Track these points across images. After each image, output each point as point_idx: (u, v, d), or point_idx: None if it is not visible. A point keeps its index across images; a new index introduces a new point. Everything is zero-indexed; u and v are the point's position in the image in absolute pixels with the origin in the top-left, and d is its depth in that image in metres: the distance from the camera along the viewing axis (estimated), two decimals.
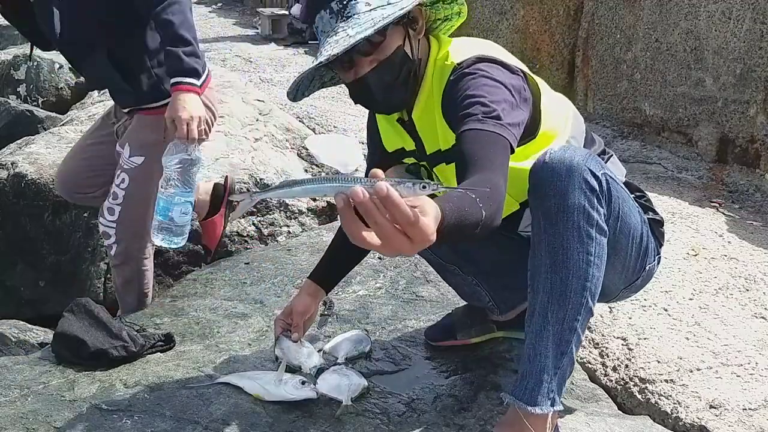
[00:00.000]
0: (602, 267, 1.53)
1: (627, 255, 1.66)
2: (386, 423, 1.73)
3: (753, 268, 2.63)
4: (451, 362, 1.98)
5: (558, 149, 1.51)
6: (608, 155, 1.81)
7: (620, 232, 1.61)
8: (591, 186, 1.48)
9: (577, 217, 1.48)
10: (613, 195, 1.54)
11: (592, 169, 1.49)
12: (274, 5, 9.46)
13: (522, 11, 5.32)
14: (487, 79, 1.52)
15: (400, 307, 2.28)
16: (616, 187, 1.56)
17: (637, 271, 1.73)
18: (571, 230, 1.48)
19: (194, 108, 2.18)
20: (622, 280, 1.72)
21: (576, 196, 1.47)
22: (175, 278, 2.95)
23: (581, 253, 1.49)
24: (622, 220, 1.60)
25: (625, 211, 1.60)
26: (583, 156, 1.50)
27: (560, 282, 1.50)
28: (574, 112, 1.75)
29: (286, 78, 5.93)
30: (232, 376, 1.86)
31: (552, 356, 1.52)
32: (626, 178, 1.81)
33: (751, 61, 3.65)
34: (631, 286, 1.77)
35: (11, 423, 1.68)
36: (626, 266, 1.69)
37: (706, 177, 3.76)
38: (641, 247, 1.69)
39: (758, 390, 1.96)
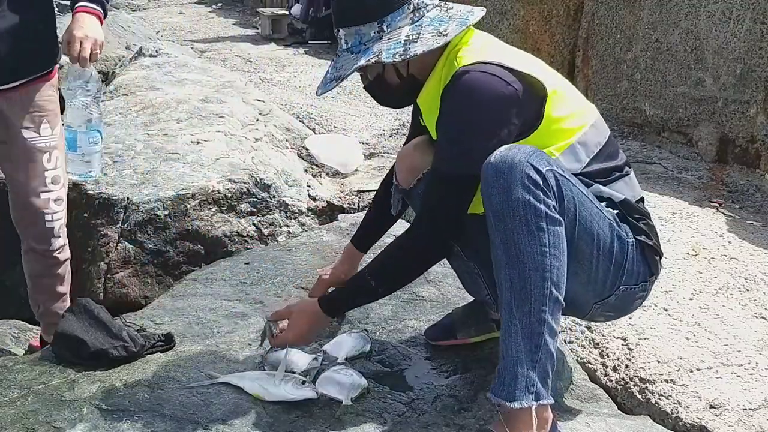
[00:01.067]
0: (561, 257, 1.55)
1: (591, 264, 1.65)
2: (386, 423, 1.73)
3: (753, 268, 2.63)
4: (451, 362, 1.98)
5: (503, 147, 1.57)
6: (624, 173, 1.76)
7: (579, 236, 1.61)
8: (533, 180, 1.52)
9: (523, 211, 1.52)
10: (565, 193, 1.57)
11: (535, 164, 1.53)
12: (274, 5, 9.46)
13: (522, 11, 5.31)
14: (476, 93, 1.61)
15: (400, 307, 2.28)
16: (568, 186, 1.59)
17: (609, 287, 1.69)
18: (519, 225, 1.52)
19: (92, 29, 2.09)
20: (591, 292, 1.70)
21: (519, 191, 1.52)
22: (175, 278, 2.95)
23: (534, 245, 1.52)
24: (581, 224, 1.61)
25: (584, 215, 1.61)
26: (525, 153, 1.54)
27: (519, 277, 1.54)
28: (595, 125, 1.74)
29: (286, 78, 5.93)
30: (231, 376, 1.86)
31: (524, 350, 1.54)
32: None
33: (751, 61, 3.65)
34: (603, 303, 1.73)
35: (11, 423, 1.68)
36: (592, 277, 1.67)
37: (706, 177, 3.76)
38: (611, 259, 1.66)
39: (758, 390, 1.96)
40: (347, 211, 3.40)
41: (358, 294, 1.83)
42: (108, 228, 3.04)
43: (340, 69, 1.71)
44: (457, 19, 1.71)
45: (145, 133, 3.64)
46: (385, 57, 1.65)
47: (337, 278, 2.05)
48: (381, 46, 1.67)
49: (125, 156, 3.38)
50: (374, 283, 1.77)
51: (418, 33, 1.67)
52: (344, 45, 1.72)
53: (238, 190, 3.20)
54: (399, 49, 1.65)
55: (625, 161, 1.79)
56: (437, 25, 1.69)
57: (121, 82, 4.49)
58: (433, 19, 1.70)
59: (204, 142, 3.56)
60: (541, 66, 1.75)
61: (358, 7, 1.69)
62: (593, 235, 1.63)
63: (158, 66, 4.88)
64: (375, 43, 1.67)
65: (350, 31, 1.70)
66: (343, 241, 2.83)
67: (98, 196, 3.08)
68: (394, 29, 1.68)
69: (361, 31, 1.69)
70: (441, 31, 1.68)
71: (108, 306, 2.15)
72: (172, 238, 3.07)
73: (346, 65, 1.70)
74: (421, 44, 1.66)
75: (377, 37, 1.68)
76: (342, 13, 1.72)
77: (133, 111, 3.95)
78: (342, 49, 1.73)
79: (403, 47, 1.66)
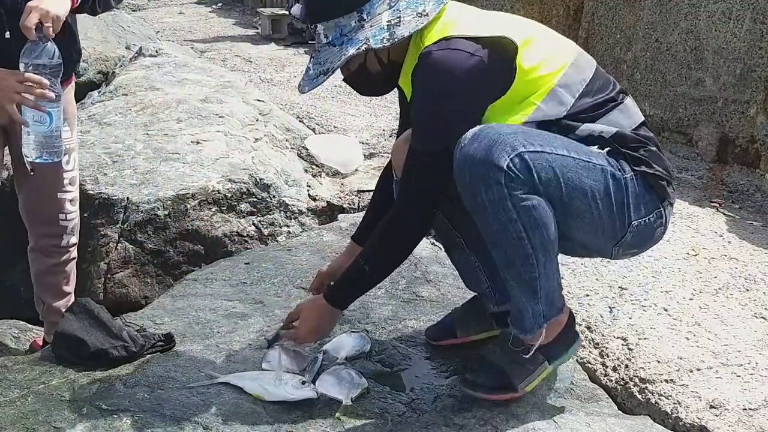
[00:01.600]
0: (543, 229, 1.63)
1: (593, 215, 1.68)
2: (386, 423, 1.73)
3: (753, 268, 2.63)
4: (451, 362, 1.99)
5: (467, 142, 1.60)
6: (618, 102, 1.78)
7: (569, 198, 1.65)
8: (496, 179, 1.58)
9: (492, 209, 1.61)
10: (537, 169, 1.60)
11: (497, 160, 1.57)
12: (274, 5, 9.46)
13: (522, 11, 5.31)
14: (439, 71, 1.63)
15: (400, 307, 2.28)
16: (541, 158, 1.61)
17: (620, 228, 1.72)
18: (491, 221, 1.63)
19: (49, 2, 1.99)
20: (603, 238, 1.74)
21: (482, 194, 1.60)
22: (175, 278, 2.95)
23: (508, 235, 1.63)
24: (567, 186, 1.64)
25: (568, 176, 1.63)
26: (485, 148, 1.58)
27: (503, 256, 1.68)
28: (576, 63, 1.75)
29: (286, 78, 5.93)
30: (231, 376, 1.86)
31: (526, 296, 1.71)
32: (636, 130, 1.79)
33: (751, 61, 3.65)
34: (621, 243, 1.75)
35: (11, 423, 1.68)
36: (599, 226, 1.70)
37: (706, 177, 3.76)
38: (611, 203, 1.68)
39: (758, 390, 1.96)
40: (347, 211, 3.40)
41: (355, 280, 1.85)
42: (108, 228, 3.04)
43: (326, 63, 1.71)
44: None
45: (145, 133, 3.64)
46: (374, 43, 1.67)
47: (335, 271, 2.03)
48: (365, 33, 1.68)
49: (125, 156, 3.38)
50: (368, 267, 1.80)
51: (398, 17, 1.68)
52: (324, 39, 1.72)
53: (238, 190, 3.19)
54: (385, 35, 1.67)
55: (619, 89, 1.80)
56: (414, 6, 1.70)
57: (121, 82, 4.49)
58: (408, 2, 1.70)
59: (204, 142, 3.56)
60: (512, 21, 1.78)
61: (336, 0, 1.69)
62: (584, 190, 1.65)
63: (158, 66, 4.88)
64: (357, 32, 1.68)
65: (329, 24, 1.70)
66: (343, 241, 2.83)
67: (98, 196, 3.08)
68: (374, 16, 1.68)
69: (341, 23, 1.69)
70: (420, 11, 1.69)
71: (108, 306, 2.15)
72: (172, 238, 3.07)
73: (331, 58, 1.70)
74: (405, 27, 1.67)
75: (359, 26, 1.68)
76: (318, 8, 1.72)
77: (133, 111, 3.95)
78: (322, 44, 1.73)
79: (388, 32, 1.67)
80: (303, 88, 1.75)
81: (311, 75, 1.73)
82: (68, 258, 2.40)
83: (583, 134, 1.71)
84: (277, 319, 2.21)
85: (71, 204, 2.34)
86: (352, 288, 1.87)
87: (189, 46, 7.40)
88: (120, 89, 4.35)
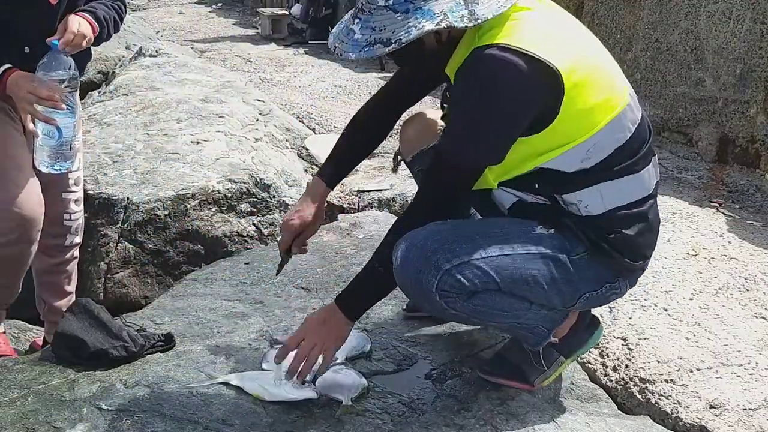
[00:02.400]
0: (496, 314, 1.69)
1: (539, 294, 1.68)
2: (386, 423, 1.73)
3: (753, 268, 2.63)
4: (451, 362, 1.99)
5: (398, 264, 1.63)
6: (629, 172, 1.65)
7: (514, 288, 1.65)
8: (434, 299, 1.63)
9: (446, 314, 1.72)
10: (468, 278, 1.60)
11: (427, 286, 1.61)
12: (274, 5, 9.46)
13: None
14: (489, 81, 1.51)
15: (400, 307, 2.28)
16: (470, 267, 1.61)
17: (569, 300, 1.72)
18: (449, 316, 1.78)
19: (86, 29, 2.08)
20: (556, 305, 1.73)
21: (429, 309, 1.76)
22: (175, 278, 2.95)
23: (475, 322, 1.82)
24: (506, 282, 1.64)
25: (504, 274, 1.63)
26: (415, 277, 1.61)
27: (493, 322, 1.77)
28: (620, 114, 1.61)
29: (286, 78, 5.93)
30: (231, 376, 1.86)
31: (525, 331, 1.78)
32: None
33: (751, 61, 3.65)
34: (574, 307, 1.76)
35: (11, 423, 1.68)
36: (550, 301, 1.71)
37: (706, 177, 3.76)
38: (556, 282, 1.67)
39: (758, 390, 1.96)
40: (347, 211, 3.40)
41: (370, 286, 1.75)
42: (108, 228, 3.04)
43: (385, 31, 1.51)
44: None
45: (145, 133, 3.64)
46: (453, 20, 1.49)
47: (305, 221, 1.91)
48: (441, 6, 1.49)
49: (125, 156, 3.38)
50: (383, 269, 1.69)
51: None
52: (382, 2, 1.52)
53: (238, 190, 3.19)
54: (464, 12, 1.50)
55: (643, 154, 1.67)
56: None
57: (121, 82, 4.49)
58: None
59: (204, 142, 3.56)
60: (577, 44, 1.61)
61: None
62: (525, 280, 1.65)
63: (158, 66, 4.88)
64: (425, 1, 1.50)
65: None
66: (343, 241, 2.83)
67: (98, 196, 3.08)
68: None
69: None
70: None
71: (108, 306, 2.15)
72: (172, 238, 3.07)
73: (394, 27, 1.50)
74: (485, 7, 1.50)
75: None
76: None
77: (133, 111, 3.95)
78: (378, 6, 1.52)
79: (466, 9, 1.50)
80: (348, 54, 1.54)
81: (360, 41, 1.53)
82: (70, 257, 2.40)
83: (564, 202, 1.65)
84: (277, 319, 2.21)
85: (76, 204, 2.35)
86: (368, 294, 1.77)
87: (189, 46, 7.40)
88: (120, 89, 4.35)
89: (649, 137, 1.71)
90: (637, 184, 1.68)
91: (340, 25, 1.61)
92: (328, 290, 2.41)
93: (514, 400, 1.83)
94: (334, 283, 2.46)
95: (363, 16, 1.55)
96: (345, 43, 1.56)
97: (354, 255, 2.68)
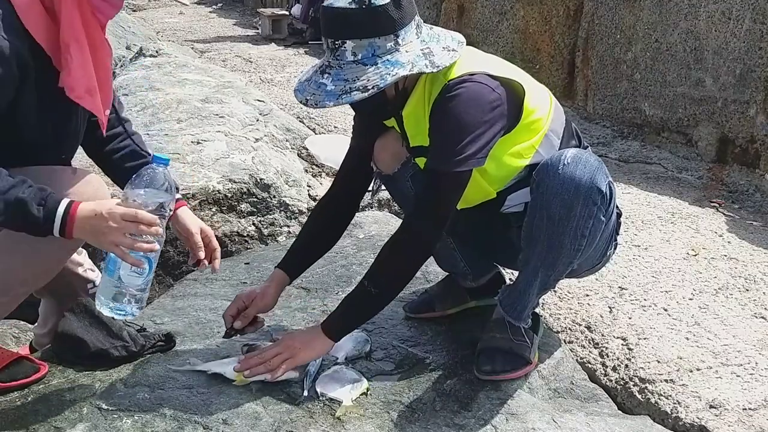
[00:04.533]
0: (593, 244, 1.83)
1: (600, 245, 1.90)
2: (386, 423, 1.73)
3: (753, 268, 2.63)
4: (452, 362, 1.99)
5: (571, 159, 1.75)
6: (584, 147, 1.94)
7: (605, 227, 1.85)
8: (594, 200, 1.74)
9: (576, 224, 1.76)
10: (613, 198, 1.82)
11: (599, 185, 1.74)
12: (274, 5, 9.47)
13: (522, 11, 5.31)
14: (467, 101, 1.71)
15: (399, 306, 2.28)
16: (613, 190, 1.82)
17: (600, 257, 1.96)
18: (569, 232, 1.77)
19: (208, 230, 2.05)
20: (589, 264, 1.96)
21: (579, 211, 1.74)
22: (175, 278, 2.95)
23: (573, 246, 1.79)
24: (610, 219, 1.85)
25: (611, 209, 1.84)
26: (591, 172, 1.74)
27: (551, 260, 1.81)
28: (554, 107, 1.89)
29: (286, 78, 5.93)
30: (212, 363, 1.89)
31: (536, 294, 1.90)
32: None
33: (751, 61, 3.65)
34: (592, 269, 2.03)
35: (11, 423, 1.68)
36: (596, 254, 1.93)
37: (706, 177, 3.76)
38: (609, 239, 1.94)
39: (758, 390, 1.96)
40: None
41: (360, 308, 1.84)
42: None
43: (358, 81, 1.66)
44: (448, 37, 1.79)
45: (146, 133, 3.64)
46: (421, 67, 1.69)
47: (251, 297, 1.96)
48: (407, 57, 1.69)
49: None
50: (375, 289, 1.80)
51: (427, 47, 1.73)
52: (351, 57, 1.68)
53: (239, 190, 3.19)
54: (426, 62, 1.70)
55: (580, 135, 1.97)
56: (436, 40, 1.76)
57: (121, 82, 4.49)
58: (430, 35, 1.76)
59: (204, 142, 3.56)
60: (514, 69, 1.87)
61: (377, 21, 1.66)
62: (611, 225, 1.89)
63: (158, 66, 4.88)
64: (394, 54, 1.68)
65: (362, 43, 1.67)
66: (343, 241, 2.83)
67: None
68: (407, 42, 1.70)
69: (375, 43, 1.67)
70: (444, 46, 1.75)
71: None
72: (172, 237, 3.07)
73: (366, 76, 1.67)
74: (440, 58, 1.72)
75: (393, 49, 1.69)
76: (353, 25, 1.67)
77: (134, 111, 3.95)
78: (346, 61, 1.69)
79: (427, 60, 1.70)
80: (325, 102, 1.67)
81: (335, 90, 1.67)
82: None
83: None
84: (277, 319, 2.21)
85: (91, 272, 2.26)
86: (353, 315, 1.84)
87: (189, 46, 7.41)
88: (120, 89, 4.35)
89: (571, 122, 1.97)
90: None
91: (307, 82, 1.74)
92: (328, 290, 2.41)
93: (514, 400, 1.83)
94: (334, 283, 2.46)
95: (333, 71, 1.70)
96: (318, 95, 1.69)
97: (354, 255, 2.68)
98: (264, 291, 1.98)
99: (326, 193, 2.11)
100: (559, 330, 2.31)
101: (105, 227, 1.55)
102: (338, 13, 1.67)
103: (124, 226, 1.55)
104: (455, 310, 2.20)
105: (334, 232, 2.10)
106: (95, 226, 1.55)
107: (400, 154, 1.98)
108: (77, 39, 1.64)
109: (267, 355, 1.83)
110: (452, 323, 2.16)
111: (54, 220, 1.53)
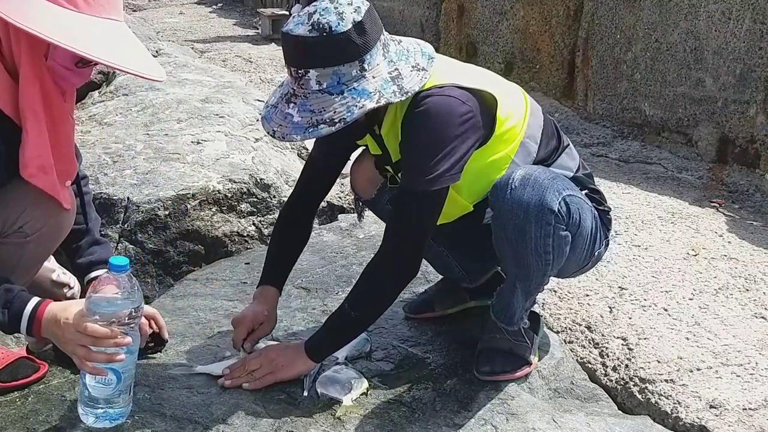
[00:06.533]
0: (561, 258, 1.80)
1: (582, 250, 1.87)
2: (386, 423, 1.73)
3: (753, 268, 2.63)
4: (452, 362, 1.99)
5: (519, 183, 1.71)
6: (564, 146, 1.92)
7: (578, 235, 1.82)
8: (547, 221, 1.71)
9: (534, 244, 1.74)
10: (572, 211, 1.76)
11: (549, 205, 1.70)
12: (274, 5, 9.47)
13: (522, 11, 5.31)
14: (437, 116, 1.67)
15: (399, 306, 2.28)
16: (574, 201, 1.78)
17: (587, 258, 1.93)
18: (531, 254, 1.75)
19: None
20: (575, 266, 1.95)
21: (534, 233, 1.72)
22: (175, 278, 2.95)
23: (539, 263, 1.78)
24: (580, 226, 1.80)
25: (582, 217, 1.81)
26: (539, 194, 1.70)
27: (524, 273, 1.81)
28: (530, 110, 1.86)
29: None
30: (211, 366, 1.89)
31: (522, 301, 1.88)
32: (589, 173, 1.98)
33: (751, 61, 3.65)
34: (581, 270, 2.01)
35: (11, 423, 1.68)
36: (579, 258, 1.90)
37: (706, 177, 3.76)
38: (594, 240, 1.90)
39: (758, 390, 1.96)
40: (347, 211, 3.40)
41: (341, 332, 1.82)
42: (108, 228, 3.03)
43: (325, 112, 1.60)
44: (418, 52, 1.72)
45: (146, 134, 3.64)
46: (388, 96, 1.62)
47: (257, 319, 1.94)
48: (374, 85, 1.62)
49: (125, 156, 3.38)
50: (355, 313, 1.77)
51: (395, 68, 1.66)
52: (315, 86, 1.61)
53: (239, 190, 3.19)
54: (393, 88, 1.64)
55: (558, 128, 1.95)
56: (405, 59, 1.69)
57: (121, 82, 4.49)
58: (398, 54, 1.69)
59: (204, 142, 3.56)
60: (486, 75, 1.85)
61: (340, 48, 1.59)
62: (586, 230, 1.84)
63: None
64: (360, 82, 1.61)
65: (326, 71, 1.59)
66: (343, 241, 2.83)
67: (98, 196, 3.08)
68: (374, 67, 1.63)
69: (340, 71, 1.60)
70: (414, 65, 1.69)
71: None
72: (172, 238, 3.07)
73: (333, 107, 1.60)
74: (409, 81, 1.66)
75: (359, 76, 1.61)
76: (316, 54, 1.59)
77: (134, 111, 3.95)
78: (312, 91, 1.61)
79: (395, 85, 1.64)
80: (293, 136, 1.61)
81: (301, 123, 1.61)
82: None
83: None
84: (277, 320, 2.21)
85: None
86: (336, 338, 1.83)
87: (189, 46, 7.41)
88: (120, 89, 4.36)
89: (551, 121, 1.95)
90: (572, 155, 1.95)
91: (273, 108, 1.68)
92: (328, 290, 2.41)
93: (514, 400, 1.83)
94: (334, 283, 2.46)
95: (298, 101, 1.63)
96: (286, 127, 1.63)
97: (354, 255, 2.68)
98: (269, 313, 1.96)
99: (286, 203, 2.09)
100: (559, 330, 2.32)
101: (62, 336, 1.55)
102: (298, 41, 1.59)
103: (77, 338, 1.52)
104: (455, 310, 2.21)
105: (302, 235, 2.08)
106: (55, 333, 1.56)
107: (375, 179, 1.98)
108: (35, 112, 1.56)
109: (250, 366, 1.82)
110: (452, 323, 2.17)
111: (20, 322, 1.58)
